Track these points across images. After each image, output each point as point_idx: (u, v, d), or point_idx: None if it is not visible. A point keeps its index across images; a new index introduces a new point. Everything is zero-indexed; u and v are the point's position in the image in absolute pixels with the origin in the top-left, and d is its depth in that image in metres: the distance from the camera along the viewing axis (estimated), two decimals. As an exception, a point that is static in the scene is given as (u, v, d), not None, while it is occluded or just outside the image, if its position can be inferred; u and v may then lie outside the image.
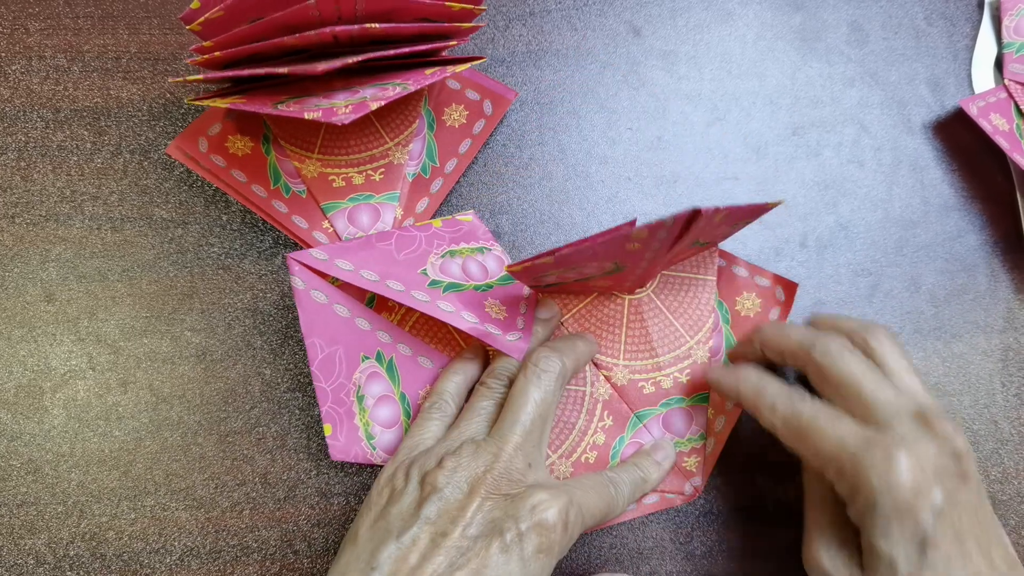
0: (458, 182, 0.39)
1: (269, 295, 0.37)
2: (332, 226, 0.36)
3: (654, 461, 0.35)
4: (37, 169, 0.38)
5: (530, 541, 0.28)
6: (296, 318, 0.37)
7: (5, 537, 0.35)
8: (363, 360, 0.34)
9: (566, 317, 0.36)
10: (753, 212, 0.30)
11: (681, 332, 0.36)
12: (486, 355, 0.36)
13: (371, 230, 0.36)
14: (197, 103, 0.31)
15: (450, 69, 0.33)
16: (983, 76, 0.41)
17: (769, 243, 0.39)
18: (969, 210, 0.40)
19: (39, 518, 0.35)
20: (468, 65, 0.33)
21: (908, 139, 0.40)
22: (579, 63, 0.40)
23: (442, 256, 0.34)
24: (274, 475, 0.36)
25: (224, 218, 0.38)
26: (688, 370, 0.36)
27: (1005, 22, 0.41)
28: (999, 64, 0.41)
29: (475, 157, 0.39)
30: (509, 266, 0.31)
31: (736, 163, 0.40)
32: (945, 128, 0.41)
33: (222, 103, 0.30)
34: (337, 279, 0.34)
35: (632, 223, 0.28)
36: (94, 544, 0.35)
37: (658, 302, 0.36)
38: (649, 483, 0.34)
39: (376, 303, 0.35)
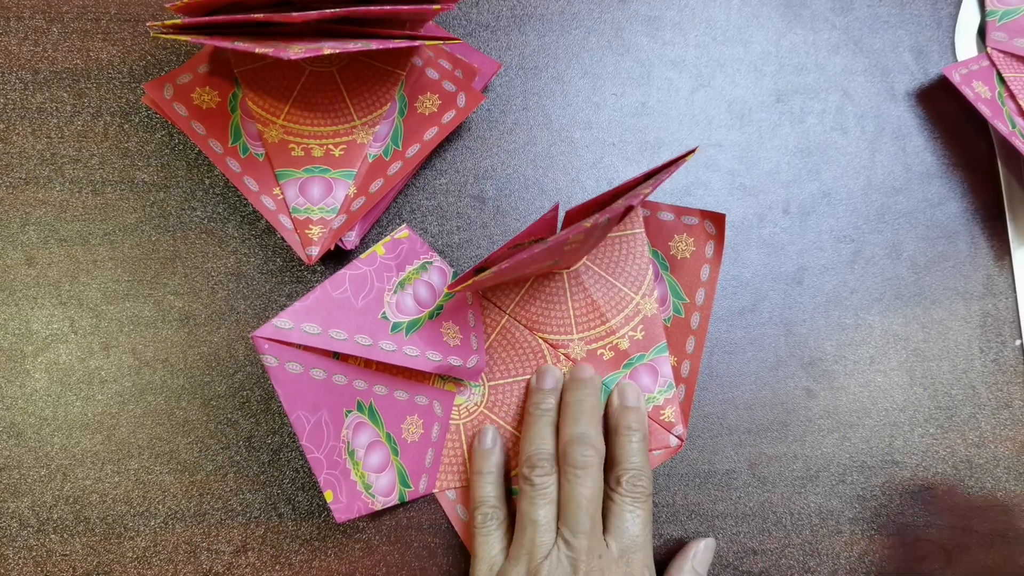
0: (441, 147, 0.39)
1: (252, 259, 0.37)
2: (283, 193, 0.36)
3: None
4: (16, 131, 0.37)
5: None
6: (280, 283, 0.37)
7: (-12, 500, 0.35)
8: (347, 415, 0.34)
9: (511, 307, 0.37)
10: (674, 164, 0.31)
11: (624, 291, 0.36)
12: (496, 435, 0.36)
13: (320, 204, 0.36)
14: (163, 36, 0.31)
15: (419, 42, 0.33)
16: (966, 44, 0.41)
17: (752, 209, 0.39)
18: (951, 177, 0.40)
19: (22, 481, 0.35)
20: (439, 42, 0.33)
21: (891, 106, 0.41)
22: (564, 28, 0.40)
23: (395, 292, 0.34)
24: (258, 439, 0.36)
25: (207, 182, 0.38)
26: (641, 326, 0.36)
27: (989, -10, 0.41)
28: (982, 32, 0.41)
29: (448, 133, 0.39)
30: (450, 286, 0.32)
31: (720, 129, 0.40)
32: (928, 95, 0.41)
33: (184, 37, 0.30)
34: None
35: (555, 208, 0.29)
36: (78, 507, 0.35)
37: (595, 267, 0.37)
38: (647, 433, 0.35)
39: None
